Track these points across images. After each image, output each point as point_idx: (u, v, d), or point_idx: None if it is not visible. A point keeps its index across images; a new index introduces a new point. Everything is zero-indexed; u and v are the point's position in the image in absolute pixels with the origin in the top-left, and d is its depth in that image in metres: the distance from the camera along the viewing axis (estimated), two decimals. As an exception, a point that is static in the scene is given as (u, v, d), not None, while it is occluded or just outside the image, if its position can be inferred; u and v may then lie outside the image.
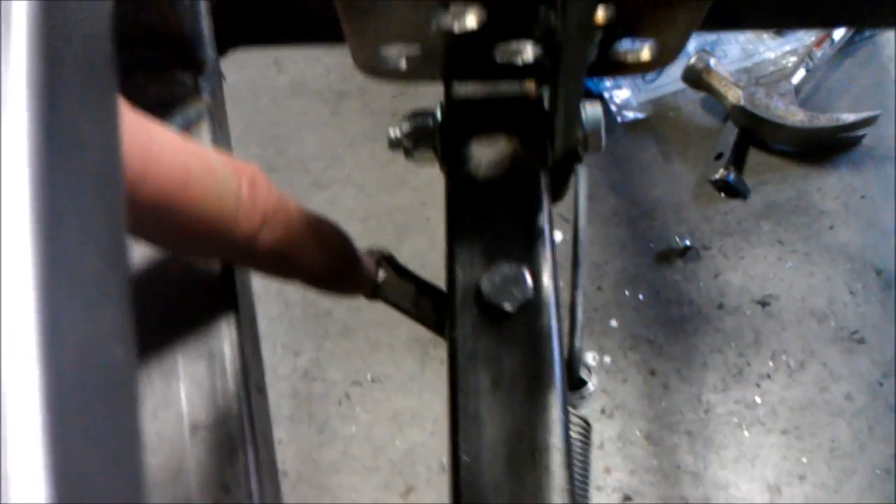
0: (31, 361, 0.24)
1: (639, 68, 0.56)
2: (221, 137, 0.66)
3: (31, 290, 0.24)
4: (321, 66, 1.96)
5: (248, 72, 1.92)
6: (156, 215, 0.42)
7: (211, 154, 0.45)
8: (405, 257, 0.75)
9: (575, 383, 0.59)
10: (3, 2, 0.29)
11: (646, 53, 0.55)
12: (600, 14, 0.49)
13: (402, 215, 1.75)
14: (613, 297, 1.61)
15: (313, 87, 1.94)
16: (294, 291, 1.66)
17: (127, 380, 0.28)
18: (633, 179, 1.75)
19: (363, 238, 1.77)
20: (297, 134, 1.87)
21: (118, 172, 0.33)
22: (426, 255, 1.68)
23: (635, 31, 0.52)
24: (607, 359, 1.55)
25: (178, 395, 0.54)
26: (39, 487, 0.23)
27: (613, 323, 1.59)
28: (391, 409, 1.55)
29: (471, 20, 0.52)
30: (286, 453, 1.51)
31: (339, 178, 1.80)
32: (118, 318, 0.29)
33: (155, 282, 0.57)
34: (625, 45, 0.55)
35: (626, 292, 1.62)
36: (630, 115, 1.81)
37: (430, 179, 1.77)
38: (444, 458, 1.48)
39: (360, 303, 1.62)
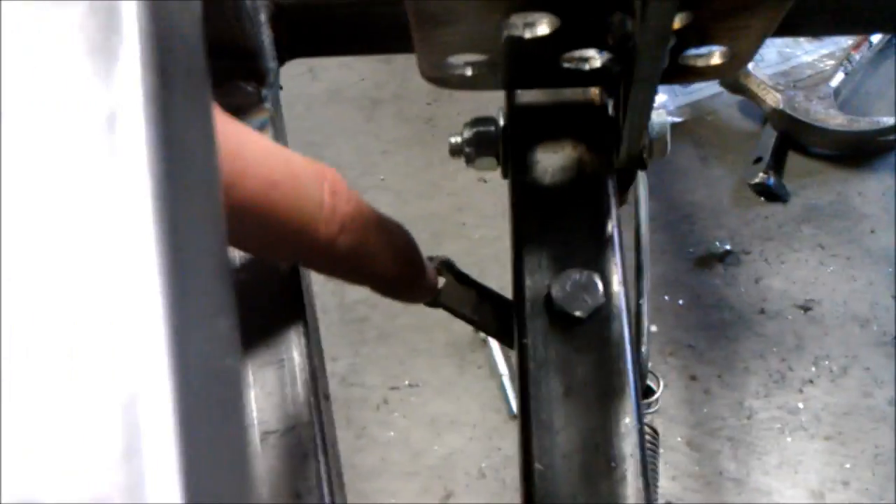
0: (163, 375, 0.24)
1: (709, 74, 0.56)
2: (283, 144, 0.66)
3: (160, 306, 0.24)
4: (355, 73, 1.97)
5: (283, 80, 1.92)
6: (240, 219, 0.42)
7: (295, 158, 0.45)
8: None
9: (643, 391, 0.59)
10: (113, 4, 0.29)
11: (717, 59, 0.55)
12: (677, 20, 0.49)
13: (438, 221, 1.75)
14: (653, 302, 1.60)
15: (348, 95, 1.95)
16: (331, 297, 1.66)
17: (238, 389, 0.28)
18: (671, 184, 1.74)
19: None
20: (332, 140, 1.87)
21: (218, 180, 0.33)
22: (462, 261, 1.66)
23: (709, 38, 0.52)
24: (648, 364, 1.54)
25: (249, 403, 0.54)
26: (174, 491, 0.23)
27: (653, 328, 1.58)
28: (429, 414, 1.55)
29: (542, 27, 0.52)
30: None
31: (374, 185, 1.80)
32: (229, 328, 0.29)
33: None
34: (696, 51, 0.55)
35: (666, 297, 1.61)
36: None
37: (465, 185, 1.77)
38: (484, 463, 1.48)
39: (397, 308, 1.63)
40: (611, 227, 0.57)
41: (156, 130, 0.28)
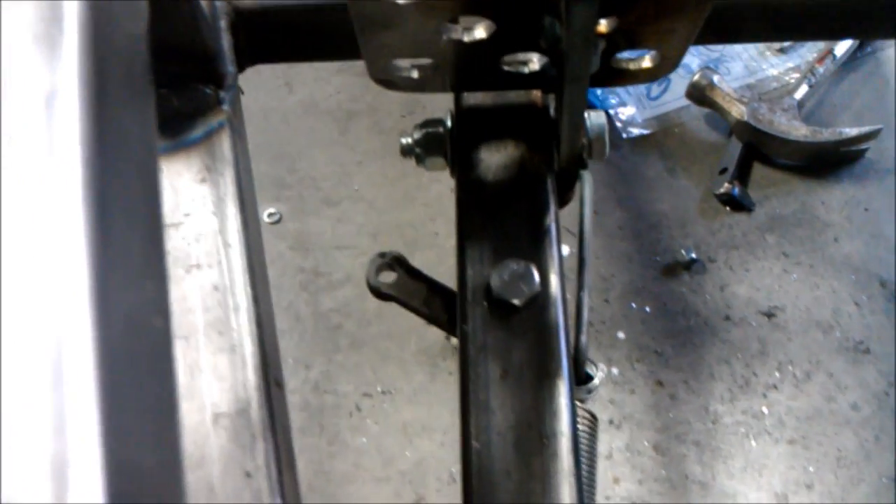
0: (86, 328, 0.26)
1: (641, 77, 0.59)
2: (240, 146, 0.69)
3: (85, 266, 0.27)
4: (331, 86, 2.00)
5: (259, 93, 1.95)
6: None
7: None
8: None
9: (581, 378, 0.62)
10: (57, 3, 0.32)
11: (647, 62, 0.58)
12: (603, 24, 0.52)
13: (412, 230, 1.77)
14: (620, 310, 1.64)
15: (323, 107, 1.98)
16: (305, 306, 1.69)
17: (166, 347, 0.31)
18: (638, 194, 1.77)
19: (374, 253, 1.80)
20: (307, 152, 1.90)
21: (155, 162, 0.36)
22: (435, 269, 1.68)
23: (636, 42, 0.55)
24: (615, 370, 1.57)
25: (200, 386, 0.56)
26: (93, 441, 0.25)
27: (621, 335, 1.61)
28: (401, 420, 1.57)
29: (480, 31, 0.55)
30: (297, 465, 1.53)
31: (348, 195, 1.83)
32: (158, 291, 0.32)
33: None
34: (626, 55, 0.58)
35: (633, 305, 1.64)
36: (635, 131, 1.84)
37: (438, 195, 1.80)
38: (455, 468, 1.51)
39: (370, 316, 1.66)
40: (549, 221, 0.60)
41: (90, 111, 0.31)
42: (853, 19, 0.75)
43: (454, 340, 1.68)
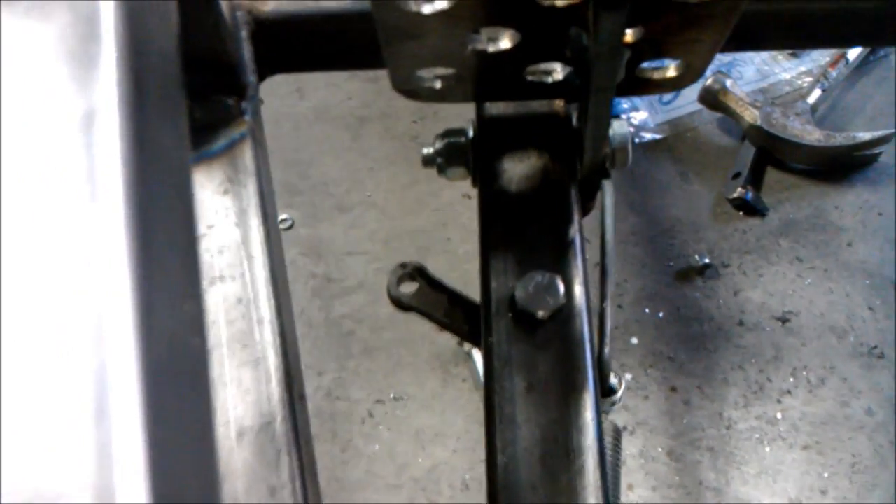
0: (131, 353, 0.26)
1: (665, 86, 0.59)
2: (261, 155, 0.69)
3: (129, 289, 0.27)
4: (342, 92, 2.00)
5: (271, 99, 1.95)
6: None
7: None
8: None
9: (605, 391, 0.61)
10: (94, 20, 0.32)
11: (671, 72, 0.58)
12: (629, 34, 0.52)
13: (424, 236, 1.77)
14: (633, 315, 1.63)
15: (335, 113, 1.98)
16: (317, 312, 1.69)
17: (204, 366, 0.31)
18: (651, 199, 1.77)
19: (386, 259, 1.80)
20: (319, 158, 1.90)
21: (189, 179, 0.36)
22: (447, 275, 1.68)
23: (662, 52, 0.55)
24: (628, 376, 1.57)
25: (226, 402, 0.56)
26: (139, 456, 0.25)
27: (634, 340, 1.60)
28: (414, 427, 1.57)
29: (505, 42, 0.55)
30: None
31: (361, 201, 1.83)
32: (195, 312, 0.31)
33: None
34: (651, 64, 0.58)
35: (647, 310, 1.63)
36: (648, 135, 1.84)
37: (450, 201, 1.80)
38: (467, 475, 1.50)
39: (383, 322, 1.65)
40: (573, 232, 0.60)
41: (129, 129, 0.30)
42: (869, 27, 0.74)
43: (467, 346, 1.68)
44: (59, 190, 0.27)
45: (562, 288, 0.57)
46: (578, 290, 0.58)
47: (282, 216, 1.79)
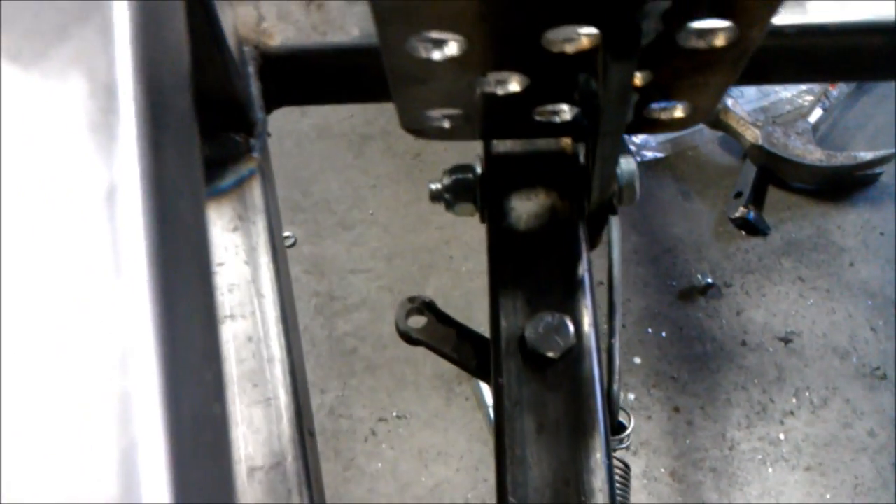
0: (158, 430, 0.26)
1: (673, 126, 0.59)
2: (270, 191, 0.69)
3: (155, 366, 0.27)
4: (344, 110, 2.00)
5: (272, 117, 1.95)
6: None
7: None
8: (429, 295, 0.77)
9: (614, 428, 0.62)
10: (112, 89, 0.32)
11: (679, 112, 0.58)
12: (638, 78, 0.52)
13: (426, 254, 1.78)
14: (636, 335, 1.63)
15: (337, 131, 1.99)
16: (320, 329, 1.69)
17: (226, 434, 0.31)
18: (653, 218, 1.78)
19: (389, 277, 1.79)
20: (321, 176, 1.91)
21: (207, 237, 0.36)
22: (450, 293, 1.71)
23: (670, 94, 0.55)
24: (631, 396, 1.57)
25: (237, 440, 0.56)
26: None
27: (637, 360, 1.60)
28: (417, 445, 1.57)
29: (513, 85, 0.55)
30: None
31: (363, 219, 1.84)
32: (216, 378, 0.32)
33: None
34: (659, 105, 0.58)
35: (649, 330, 1.64)
36: (649, 154, 1.85)
37: (453, 220, 1.79)
38: (470, 494, 1.50)
39: (386, 340, 1.65)
40: (581, 270, 0.60)
41: (151, 203, 0.31)
42: (883, 62, 0.75)
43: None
44: (83, 266, 0.28)
45: (572, 328, 0.57)
46: (588, 329, 0.58)
47: (285, 234, 1.79)
